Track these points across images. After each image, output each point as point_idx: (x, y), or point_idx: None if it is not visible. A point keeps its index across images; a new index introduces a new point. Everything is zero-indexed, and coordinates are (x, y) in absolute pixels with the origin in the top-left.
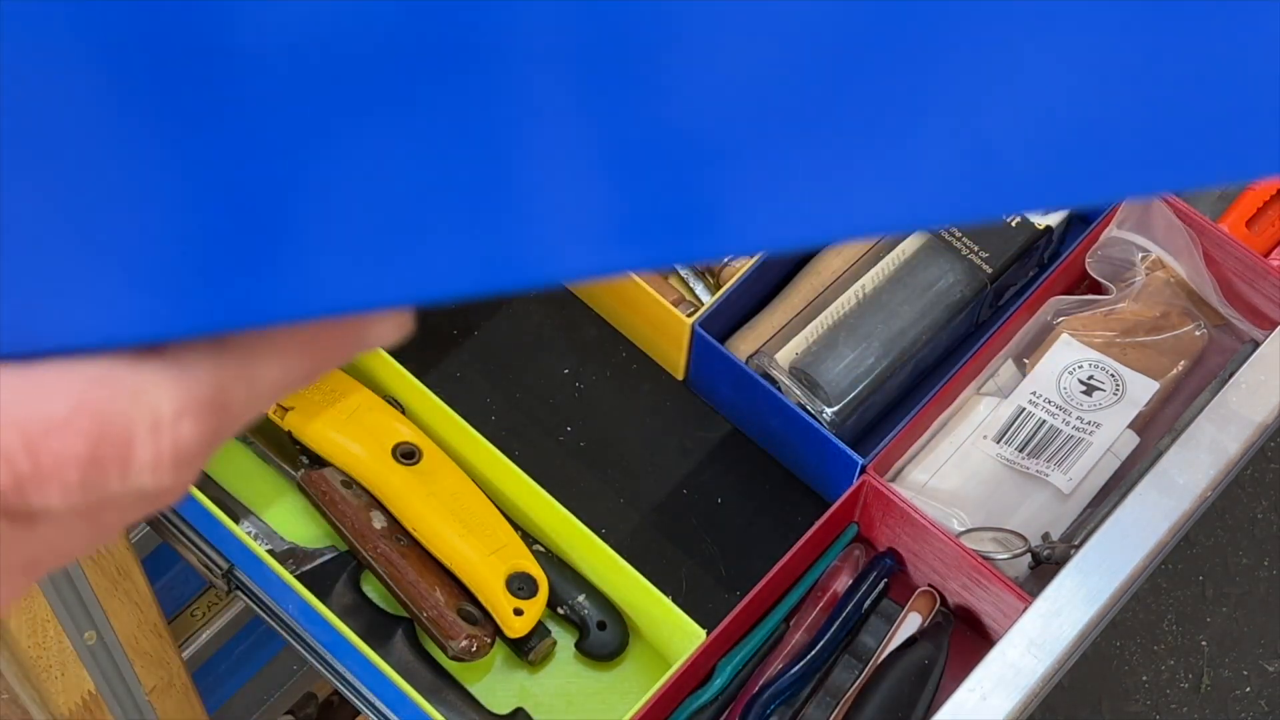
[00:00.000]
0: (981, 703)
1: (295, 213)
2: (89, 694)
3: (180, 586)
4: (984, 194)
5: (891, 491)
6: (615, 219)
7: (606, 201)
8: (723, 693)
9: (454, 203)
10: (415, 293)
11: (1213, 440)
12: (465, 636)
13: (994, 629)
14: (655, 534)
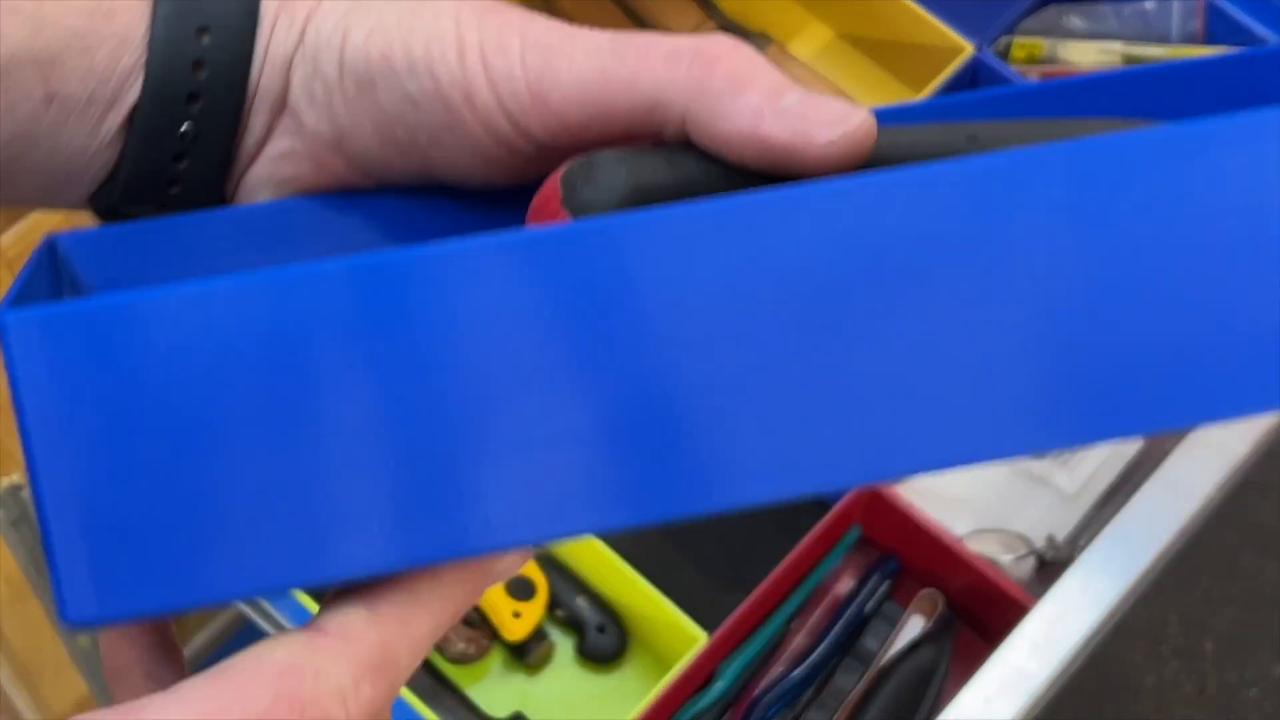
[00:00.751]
0: (985, 706)
1: (477, 468)
2: (83, 697)
3: None
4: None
5: (894, 494)
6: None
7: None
8: (724, 696)
9: (588, 463)
10: (567, 530)
11: (1219, 441)
12: (463, 639)
13: (998, 632)
14: (655, 535)
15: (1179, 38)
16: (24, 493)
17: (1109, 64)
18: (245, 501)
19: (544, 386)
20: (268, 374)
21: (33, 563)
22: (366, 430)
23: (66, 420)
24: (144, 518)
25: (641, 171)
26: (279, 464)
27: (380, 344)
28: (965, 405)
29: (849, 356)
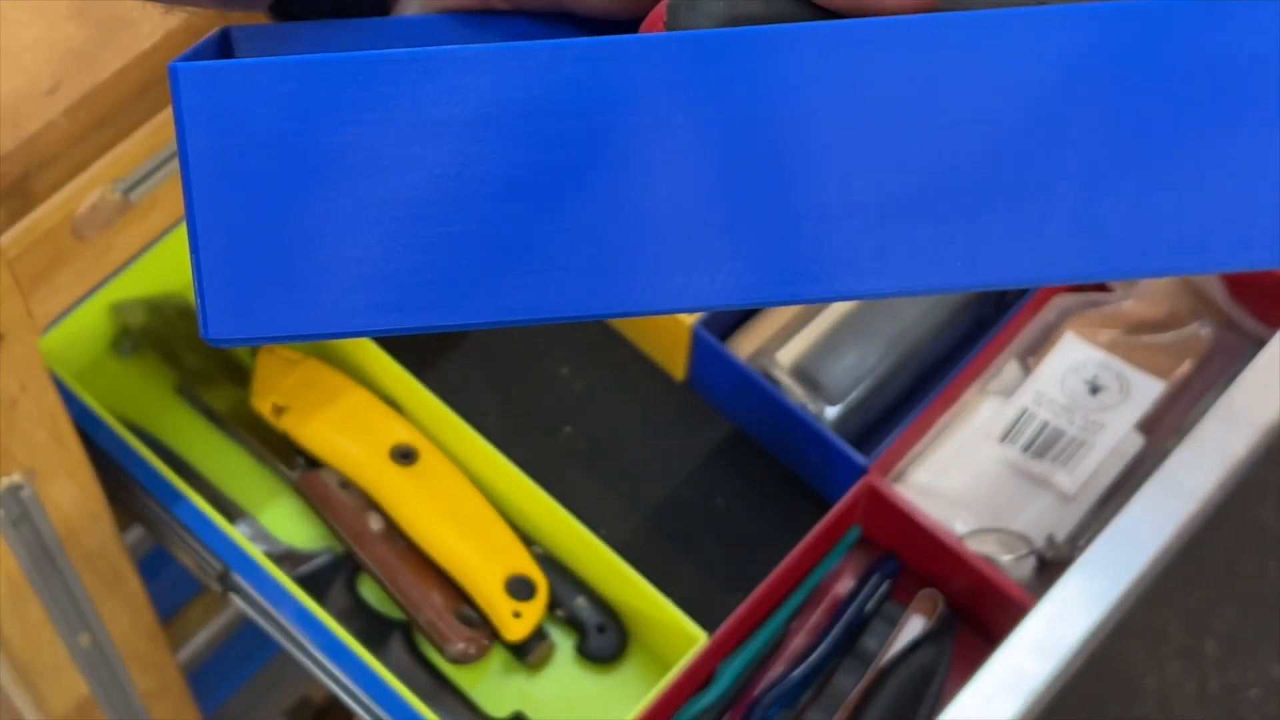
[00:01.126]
0: (985, 706)
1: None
2: (83, 697)
3: (175, 589)
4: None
5: (894, 493)
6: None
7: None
8: (723, 696)
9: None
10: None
11: (1219, 441)
12: (463, 639)
13: (998, 632)
14: (655, 535)
15: None
16: (24, 492)
17: None
18: (374, 253)
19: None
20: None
21: (33, 562)
22: (520, 192)
23: (228, 163)
24: (283, 253)
25: (739, 2)
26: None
27: (537, 121)
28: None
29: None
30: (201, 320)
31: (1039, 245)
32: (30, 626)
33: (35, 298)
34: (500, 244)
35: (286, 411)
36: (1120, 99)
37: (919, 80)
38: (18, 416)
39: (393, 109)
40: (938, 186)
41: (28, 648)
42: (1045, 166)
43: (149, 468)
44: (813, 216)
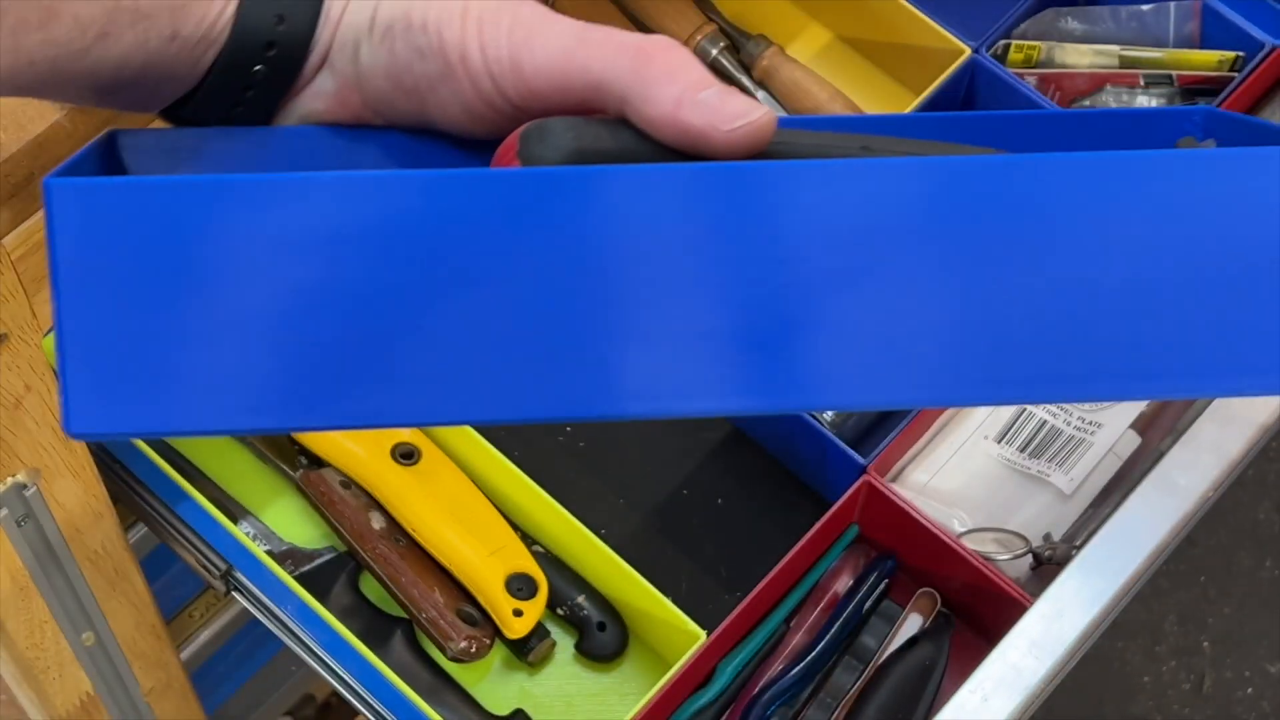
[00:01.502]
0: (983, 704)
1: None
2: (87, 695)
3: (178, 587)
4: None
5: (892, 492)
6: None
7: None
8: (723, 694)
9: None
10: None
11: (1215, 441)
12: (464, 637)
13: (995, 630)
14: (655, 534)
15: (1176, 41)
16: (28, 491)
17: (1105, 67)
18: (235, 352)
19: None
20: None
21: (37, 561)
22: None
23: (94, 273)
24: (142, 357)
25: (584, 137)
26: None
27: (358, 241)
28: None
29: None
30: (64, 415)
31: (846, 372)
32: (34, 624)
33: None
34: (347, 355)
35: None
36: (913, 245)
37: (742, 221)
38: (22, 416)
39: (247, 229)
40: (758, 317)
41: (32, 646)
42: (853, 301)
43: (152, 467)
44: (636, 339)
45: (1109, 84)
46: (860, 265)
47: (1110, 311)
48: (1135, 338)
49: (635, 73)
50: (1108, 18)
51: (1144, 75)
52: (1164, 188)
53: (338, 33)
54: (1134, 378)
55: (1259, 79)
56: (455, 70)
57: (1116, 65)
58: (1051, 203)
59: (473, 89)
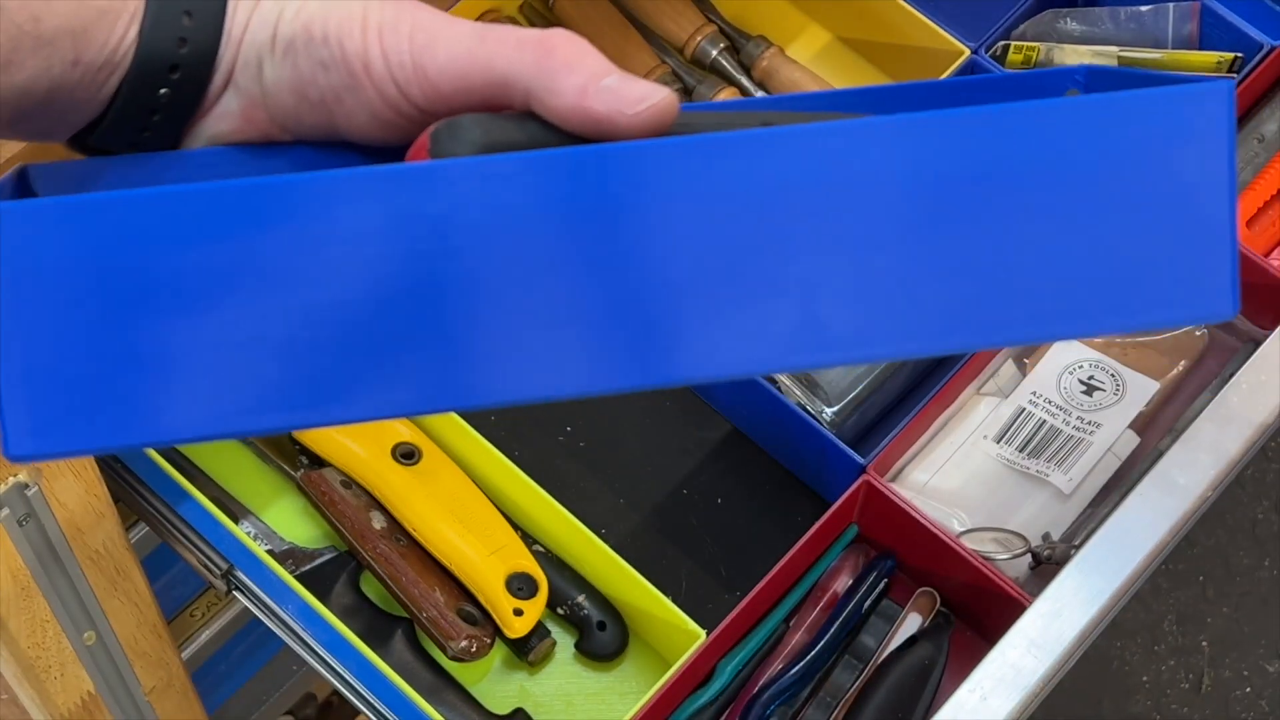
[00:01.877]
0: (982, 703)
1: None
2: (88, 694)
3: (179, 587)
4: None
5: (892, 492)
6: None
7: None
8: (723, 693)
9: None
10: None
11: (1213, 440)
12: (465, 637)
13: (994, 629)
14: (655, 534)
15: (1174, 42)
16: (30, 491)
17: None
18: (162, 360)
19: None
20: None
21: (39, 560)
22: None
23: (22, 292)
24: (77, 371)
25: (493, 131)
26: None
27: (269, 245)
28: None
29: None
30: (3, 440)
31: (768, 338)
32: (36, 624)
33: None
34: (278, 353)
35: None
36: (827, 212)
37: (611, 203)
38: None
39: (156, 241)
40: (675, 288)
41: (33, 645)
42: (773, 268)
43: (154, 467)
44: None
45: None
46: (753, 233)
47: (994, 258)
48: (1020, 282)
49: (538, 65)
50: (1106, 19)
51: None
52: (1027, 136)
53: (240, 51)
54: (1025, 322)
55: (1257, 80)
56: (360, 79)
57: (1115, 66)
58: (929, 159)
59: (379, 96)
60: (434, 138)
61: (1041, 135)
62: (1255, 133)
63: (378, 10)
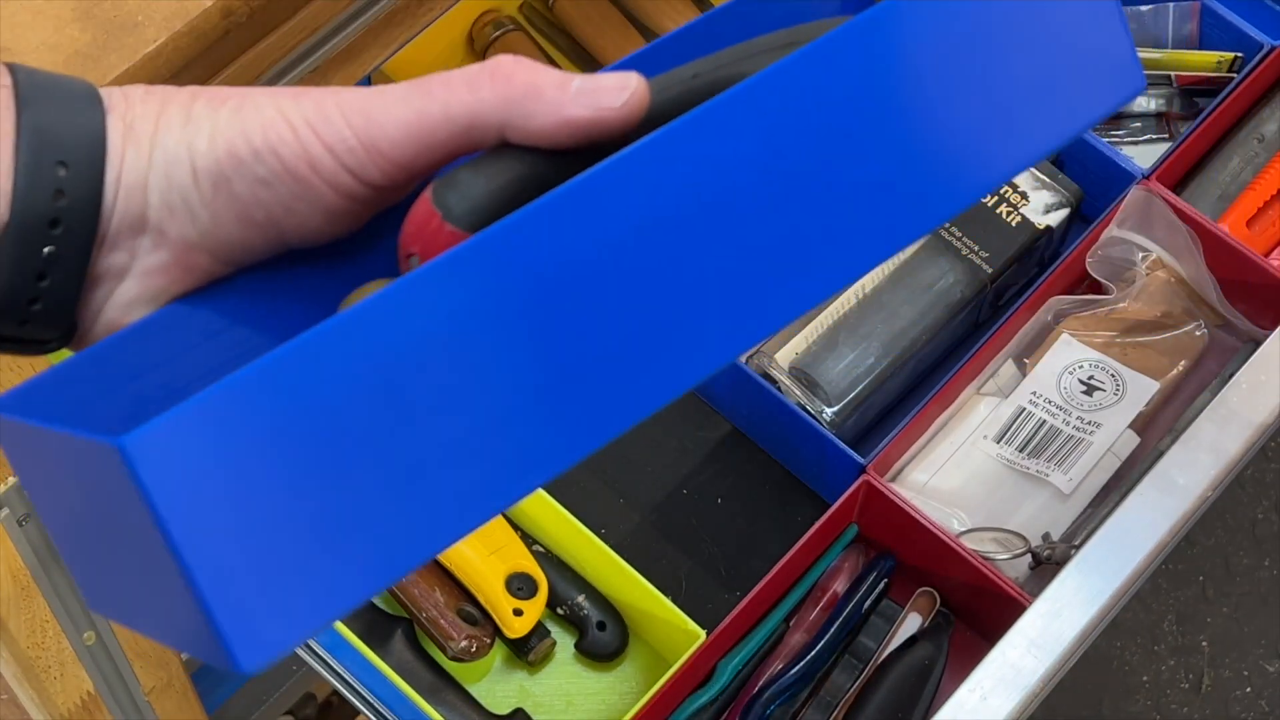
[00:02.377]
0: (982, 703)
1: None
2: (88, 694)
3: None
4: None
5: (891, 492)
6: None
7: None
8: (723, 693)
9: None
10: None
11: (1213, 440)
12: (465, 637)
13: (994, 629)
14: (655, 534)
15: (1174, 41)
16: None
17: None
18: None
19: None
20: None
21: (38, 560)
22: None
23: (194, 502)
24: (261, 561)
25: (493, 176)
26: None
27: (393, 376)
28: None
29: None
30: (230, 659)
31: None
32: (36, 624)
33: None
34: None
35: None
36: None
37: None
38: None
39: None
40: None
41: (33, 645)
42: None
43: None
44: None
45: None
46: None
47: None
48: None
49: (504, 97)
50: None
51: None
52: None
53: (149, 201)
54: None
55: (1257, 79)
56: (309, 182)
57: None
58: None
59: (332, 191)
60: (441, 205)
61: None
62: (1255, 133)
63: (296, 109)
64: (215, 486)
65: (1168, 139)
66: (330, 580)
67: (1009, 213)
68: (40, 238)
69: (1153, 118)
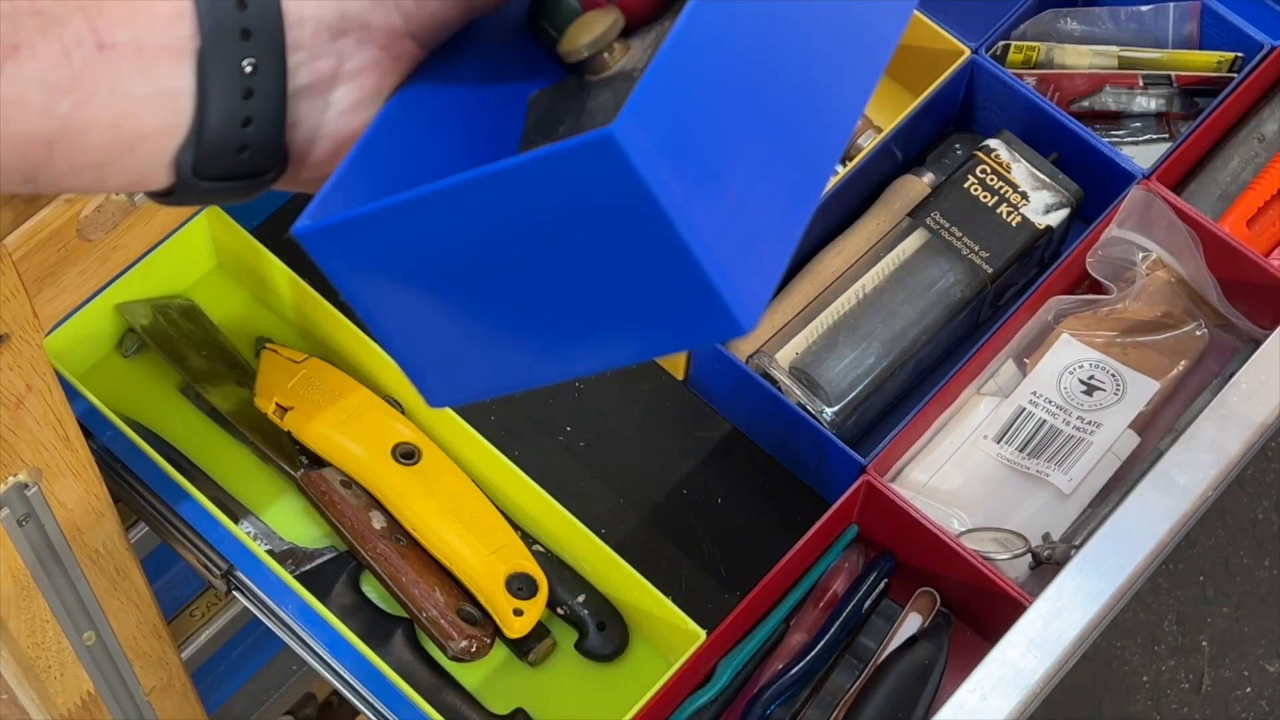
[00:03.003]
0: (982, 703)
1: None
2: (88, 694)
3: (179, 587)
4: None
5: (892, 492)
6: None
7: None
8: (723, 693)
9: None
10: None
11: (1213, 440)
12: (465, 637)
13: (994, 629)
14: (655, 534)
15: (1175, 42)
16: (30, 491)
17: (1105, 67)
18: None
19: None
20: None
21: (39, 560)
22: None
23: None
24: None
25: None
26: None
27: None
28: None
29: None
30: (733, 323)
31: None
32: (36, 624)
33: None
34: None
35: (290, 411)
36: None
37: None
38: (23, 416)
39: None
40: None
41: (33, 645)
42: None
43: (153, 466)
44: None
45: (1108, 85)
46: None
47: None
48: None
49: None
50: (1106, 19)
51: (1143, 76)
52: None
53: (345, 7)
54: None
55: (1258, 80)
56: None
57: (1115, 66)
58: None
59: None
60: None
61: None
62: (1255, 133)
63: None
64: (681, 166)
65: (1168, 139)
66: (785, 233)
67: (1009, 213)
68: (237, 50)
69: (1153, 118)
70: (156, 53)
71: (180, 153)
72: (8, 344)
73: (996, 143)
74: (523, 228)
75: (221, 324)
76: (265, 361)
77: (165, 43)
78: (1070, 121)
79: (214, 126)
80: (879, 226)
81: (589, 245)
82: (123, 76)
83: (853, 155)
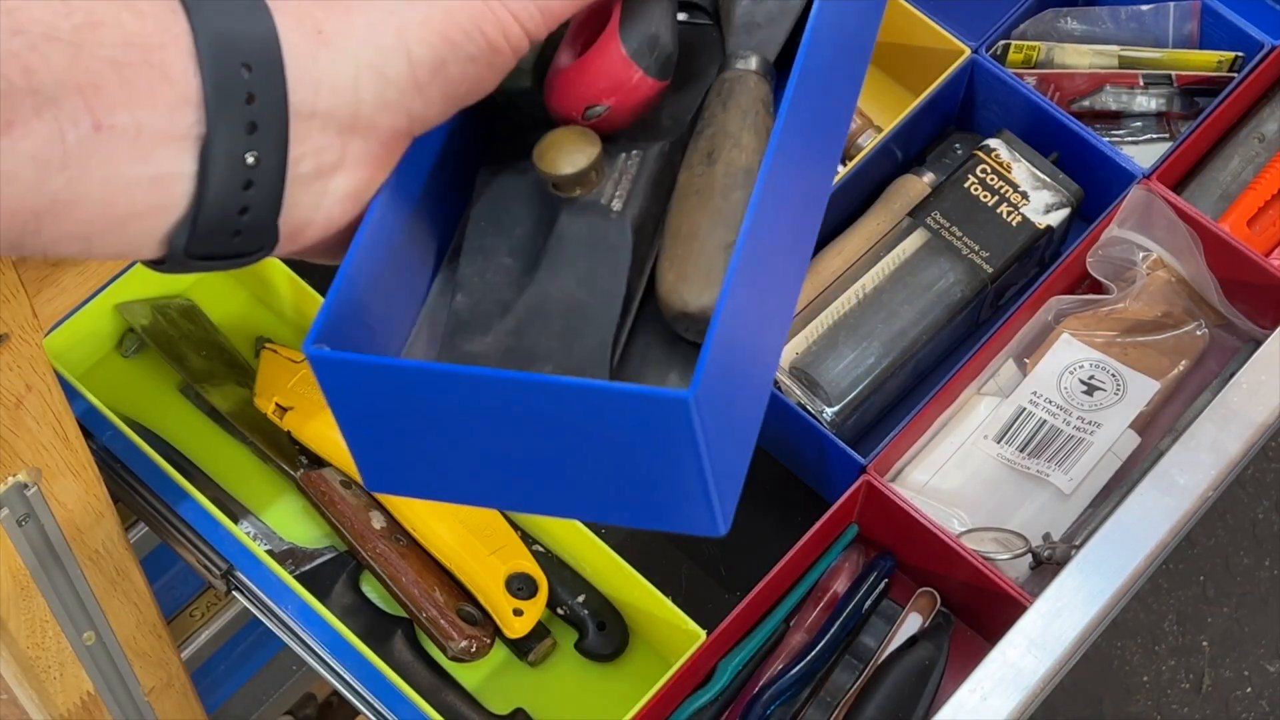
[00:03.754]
0: (982, 703)
1: None
2: (88, 694)
3: (179, 587)
4: None
5: (892, 491)
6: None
7: None
8: (723, 693)
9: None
10: None
11: (1214, 440)
12: (465, 637)
13: (994, 629)
14: (655, 534)
15: (1175, 41)
16: (29, 491)
17: (1105, 67)
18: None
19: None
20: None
21: (38, 560)
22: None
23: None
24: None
25: (667, 23)
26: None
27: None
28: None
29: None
30: (714, 529)
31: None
32: (35, 624)
33: (40, 298)
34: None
35: (289, 411)
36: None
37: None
38: (23, 416)
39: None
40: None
41: (33, 645)
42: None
43: (153, 466)
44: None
45: (1108, 84)
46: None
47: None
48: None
49: None
50: (1107, 18)
51: (1143, 75)
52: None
53: (360, 99)
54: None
55: (1258, 79)
56: (503, 51)
57: (1116, 66)
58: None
59: (513, 56)
60: (644, 63)
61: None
62: (1255, 133)
63: None
64: (709, 420)
65: (1168, 139)
66: (749, 443)
67: (1009, 212)
68: (242, 143)
69: (1153, 117)
70: (156, 137)
71: (173, 232)
72: (7, 344)
73: (997, 142)
74: (543, 418)
75: (221, 324)
76: (265, 361)
77: (166, 129)
78: (1070, 121)
79: (211, 213)
80: (879, 226)
81: (602, 444)
82: (118, 157)
83: (853, 155)
